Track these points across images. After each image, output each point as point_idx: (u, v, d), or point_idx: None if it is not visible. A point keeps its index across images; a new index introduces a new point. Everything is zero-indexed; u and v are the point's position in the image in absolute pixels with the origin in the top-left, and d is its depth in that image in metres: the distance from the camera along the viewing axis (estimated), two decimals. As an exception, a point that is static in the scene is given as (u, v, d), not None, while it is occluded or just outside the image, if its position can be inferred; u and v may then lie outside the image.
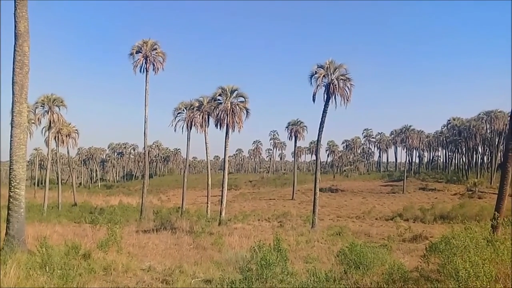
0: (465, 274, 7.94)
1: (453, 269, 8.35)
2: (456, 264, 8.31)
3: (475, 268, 8.05)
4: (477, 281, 7.83)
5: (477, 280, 7.84)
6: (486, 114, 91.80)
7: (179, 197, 63.83)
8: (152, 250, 20.47)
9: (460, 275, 8.01)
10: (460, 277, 8.02)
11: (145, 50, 45.21)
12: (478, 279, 7.83)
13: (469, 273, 7.92)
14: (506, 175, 22.39)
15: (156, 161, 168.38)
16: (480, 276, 7.86)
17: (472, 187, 74.08)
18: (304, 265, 15.05)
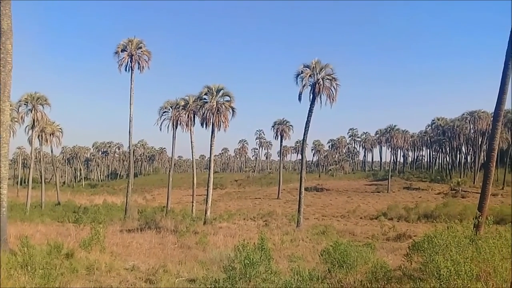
0: (446, 272, 8.02)
1: (435, 268, 8.43)
2: (437, 262, 8.38)
3: (457, 266, 8.13)
4: (458, 280, 7.92)
5: (458, 278, 7.93)
6: (469, 114, 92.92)
7: (164, 196, 63.55)
8: (136, 249, 20.34)
9: (442, 273, 8.09)
10: (441, 276, 8.10)
11: (130, 49, 44.81)
12: (460, 277, 7.92)
13: (451, 272, 8.00)
14: (489, 175, 22.72)
15: (141, 160, 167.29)
16: (462, 274, 7.95)
17: (456, 186, 75.04)
18: (288, 264, 15.08)
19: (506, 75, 21.81)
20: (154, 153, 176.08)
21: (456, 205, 49.05)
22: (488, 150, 24.78)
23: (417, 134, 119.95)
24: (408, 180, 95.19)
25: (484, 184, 22.69)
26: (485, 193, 22.27)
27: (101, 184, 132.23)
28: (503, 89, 21.94)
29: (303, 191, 40.35)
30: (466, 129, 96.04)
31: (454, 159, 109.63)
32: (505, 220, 32.92)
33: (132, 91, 44.42)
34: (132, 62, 44.68)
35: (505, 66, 21.90)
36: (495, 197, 61.44)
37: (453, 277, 7.92)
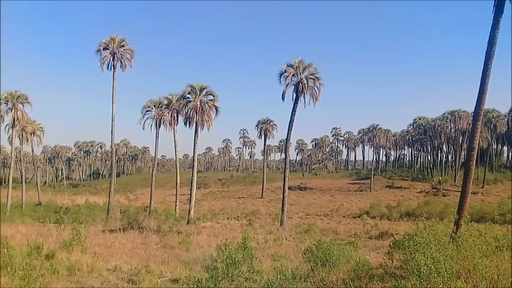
0: (426, 270, 8.12)
1: (416, 266, 8.53)
2: (418, 260, 8.49)
3: (437, 264, 8.24)
4: (438, 277, 8.02)
5: (438, 276, 8.03)
6: (450, 113, 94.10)
7: (147, 196, 63.05)
8: (119, 249, 20.22)
9: (422, 271, 8.19)
10: (422, 274, 8.20)
11: (112, 47, 44.37)
12: (439, 275, 8.02)
13: (431, 270, 8.10)
14: (469, 174, 23.05)
15: (124, 159, 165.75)
16: (441, 272, 8.06)
17: (437, 185, 76.01)
18: (272, 263, 15.11)
19: (485, 76, 22.17)
20: (137, 152, 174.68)
21: (437, 203, 49.72)
22: (468, 149, 25.14)
23: (399, 133, 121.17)
24: (391, 179, 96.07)
25: (464, 183, 23.01)
26: (465, 191, 22.59)
27: (83, 184, 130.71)
28: (483, 89, 22.30)
29: (287, 190, 40.49)
30: (447, 128, 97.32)
31: (436, 158, 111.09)
32: (485, 218, 33.52)
33: (114, 90, 44.04)
34: (115, 61, 44.26)
35: (484, 67, 22.26)
36: (475, 195, 62.44)
37: (433, 275, 8.02)
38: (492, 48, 22.10)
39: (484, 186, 75.60)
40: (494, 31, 22.08)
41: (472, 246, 9.48)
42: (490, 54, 22.15)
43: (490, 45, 22.12)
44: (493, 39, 22.07)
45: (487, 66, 22.18)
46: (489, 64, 22.18)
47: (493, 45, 22.08)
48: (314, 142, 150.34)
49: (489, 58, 22.16)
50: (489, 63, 22.18)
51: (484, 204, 48.54)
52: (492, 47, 22.09)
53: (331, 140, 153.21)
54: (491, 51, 22.13)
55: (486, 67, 22.19)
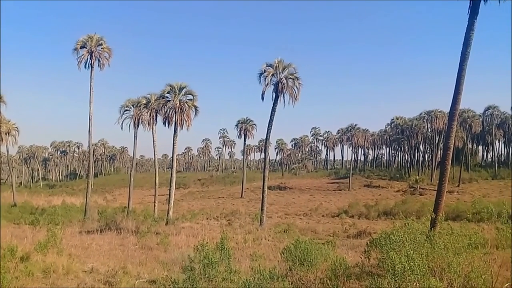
0: (400, 268, 8.22)
1: (390, 264, 8.63)
2: (392, 259, 8.59)
3: (411, 262, 8.35)
4: (412, 275, 8.13)
5: (412, 274, 8.14)
6: (427, 113, 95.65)
7: (126, 196, 62.45)
8: (96, 251, 19.96)
9: (396, 269, 8.29)
10: (396, 272, 8.30)
11: (90, 46, 43.74)
12: (413, 273, 8.13)
13: (405, 268, 8.21)
14: (445, 173, 23.43)
15: (102, 159, 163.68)
16: (415, 270, 8.17)
17: (414, 184, 77.14)
18: (250, 263, 15.11)
19: (460, 76, 22.56)
20: (115, 152, 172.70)
21: (414, 202, 50.41)
22: (444, 149, 25.57)
23: (377, 133, 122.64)
24: (369, 178, 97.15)
25: (440, 182, 23.36)
26: (441, 190, 22.95)
27: (59, 185, 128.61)
28: (458, 89, 22.68)
29: (266, 190, 40.52)
30: (424, 128, 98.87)
31: (413, 157, 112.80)
32: (461, 217, 34.09)
33: (91, 89, 43.42)
34: (92, 59, 43.64)
35: (460, 67, 22.65)
36: (451, 194, 63.54)
37: (407, 273, 8.13)
38: (467, 49, 22.49)
39: (460, 185, 77.07)
40: (469, 32, 22.47)
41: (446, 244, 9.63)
42: (465, 55, 22.53)
43: (465, 46, 22.50)
44: (468, 40, 22.46)
45: (462, 66, 22.57)
46: (464, 65, 22.57)
47: (468, 46, 22.46)
48: (293, 142, 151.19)
49: (464, 59, 22.55)
50: (464, 64, 22.57)
51: (460, 202, 49.41)
52: (467, 48, 22.48)
53: (310, 140, 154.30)
54: (466, 52, 22.51)
55: (461, 68, 22.57)
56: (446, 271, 9.10)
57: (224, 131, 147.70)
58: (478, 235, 10.99)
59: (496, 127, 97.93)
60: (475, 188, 74.25)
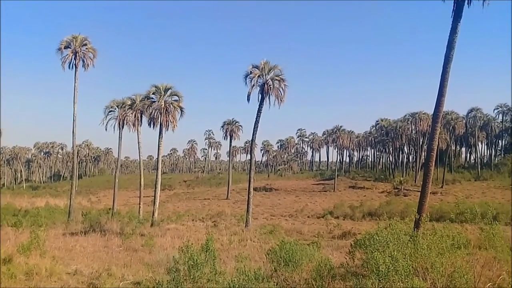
0: (384, 269, 8.30)
1: (374, 264, 8.70)
2: (376, 259, 8.66)
3: (395, 263, 8.43)
4: (396, 275, 8.21)
5: (396, 274, 8.22)
6: (411, 115, 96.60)
7: (110, 198, 61.93)
8: (80, 253, 19.78)
9: (380, 270, 8.36)
10: (380, 272, 8.37)
11: (74, 46, 43.27)
12: (397, 273, 8.21)
13: (388, 268, 8.28)
14: (429, 174, 23.71)
15: (86, 161, 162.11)
16: (399, 270, 8.25)
17: (398, 185, 77.90)
18: (235, 264, 15.10)
19: (444, 79, 22.85)
20: (100, 153, 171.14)
21: (398, 203, 50.90)
22: (427, 150, 25.86)
23: (362, 134, 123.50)
24: (354, 179, 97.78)
25: (424, 183, 23.62)
26: (425, 191, 23.20)
27: (43, 186, 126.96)
28: (442, 91, 22.97)
29: (252, 191, 40.55)
30: (408, 130, 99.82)
31: (397, 159, 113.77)
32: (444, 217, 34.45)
33: (76, 90, 42.95)
34: (76, 60, 43.18)
35: (443, 70, 22.94)
36: (435, 195, 64.28)
37: (391, 273, 8.20)
38: (451, 52, 22.80)
39: (443, 186, 78.03)
40: (453, 35, 22.79)
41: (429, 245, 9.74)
42: (449, 58, 22.84)
43: (449, 49, 22.81)
44: (451, 43, 22.77)
45: (446, 69, 22.87)
46: (447, 68, 22.88)
47: (451, 49, 22.78)
48: (279, 143, 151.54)
49: (448, 62, 22.86)
50: (447, 67, 22.88)
51: (443, 203, 50.00)
52: (451, 51, 22.79)
53: (296, 141, 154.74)
54: (450, 55, 22.83)
55: (445, 70, 22.87)
56: (429, 271, 9.20)
57: (210, 132, 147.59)
58: (461, 236, 11.12)
59: (479, 129, 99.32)
60: (458, 189, 75.24)
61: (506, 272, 10.53)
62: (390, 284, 8.23)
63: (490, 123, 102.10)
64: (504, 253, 10.98)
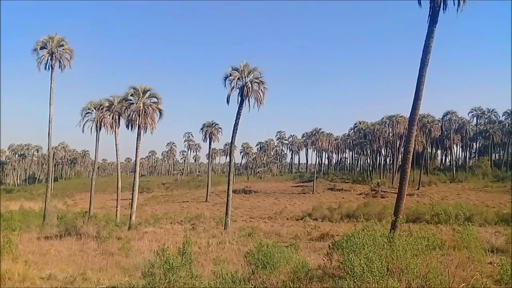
0: (359, 270, 8.35)
1: (349, 266, 8.75)
2: (351, 260, 8.71)
3: (370, 264, 8.49)
4: (371, 276, 8.27)
5: (371, 275, 8.28)
6: (388, 118, 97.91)
7: (87, 201, 60.95)
8: (54, 257, 19.43)
9: (356, 271, 8.42)
10: (355, 273, 8.43)
11: (50, 46, 42.61)
12: (372, 274, 8.27)
13: (364, 269, 8.34)
14: (405, 176, 24.04)
15: (62, 163, 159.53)
16: (374, 271, 8.31)
17: (376, 187, 78.72)
18: (213, 267, 15.01)
19: (420, 82, 23.23)
20: (76, 156, 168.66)
21: (376, 205, 51.44)
22: (404, 153, 26.23)
23: (340, 137, 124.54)
24: (332, 182, 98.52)
25: (400, 185, 23.94)
26: (401, 193, 23.52)
27: (17, 189, 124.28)
28: (418, 95, 23.34)
29: (231, 193, 40.52)
30: (386, 133, 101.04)
31: (375, 161, 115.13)
32: (420, 219, 35.04)
33: (52, 91, 42.29)
34: (53, 60, 42.54)
35: (419, 74, 23.32)
36: (411, 197, 65.20)
37: (366, 274, 8.26)
38: (427, 56, 23.20)
39: (419, 188, 79.23)
40: (428, 39, 23.20)
41: (404, 246, 9.84)
42: (425, 62, 23.23)
43: (425, 53, 23.21)
44: (427, 48, 23.18)
45: (422, 73, 23.25)
46: (423, 72, 23.26)
47: (427, 53, 23.18)
48: (259, 146, 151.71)
49: (424, 66, 23.25)
50: (423, 71, 23.26)
51: (419, 205, 50.73)
52: (427, 55, 23.20)
53: (275, 144, 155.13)
54: (426, 59, 23.22)
55: (421, 74, 23.25)
56: (404, 272, 9.29)
57: (189, 135, 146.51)
58: (435, 237, 11.28)
59: (454, 132, 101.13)
60: (434, 191, 76.54)
61: (480, 272, 10.71)
62: (365, 285, 8.29)
63: (464, 126, 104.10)
64: (477, 254, 11.17)
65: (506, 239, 21.31)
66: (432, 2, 22.95)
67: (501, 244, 19.56)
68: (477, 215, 37.85)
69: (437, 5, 22.83)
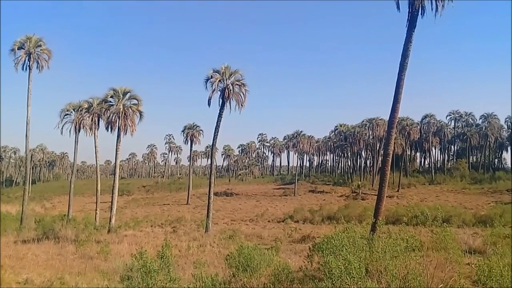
0: (338, 271, 8.39)
1: (327, 268, 8.79)
2: (329, 262, 8.75)
3: (349, 265, 8.54)
4: (349, 278, 8.31)
5: (349, 277, 8.32)
6: (369, 121, 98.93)
7: (66, 204, 60.04)
8: (32, 261, 19.09)
9: (334, 273, 8.46)
10: (333, 275, 8.46)
11: (28, 47, 41.94)
12: (350, 276, 8.32)
13: (342, 271, 8.38)
14: (384, 178, 24.31)
15: (41, 166, 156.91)
16: (352, 273, 8.36)
17: (356, 189, 79.37)
18: (194, 270, 14.92)
19: (399, 86, 23.54)
20: (55, 158, 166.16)
21: (356, 207, 51.75)
22: (383, 155, 26.53)
23: (322, 139, 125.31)
24: (314, 184, 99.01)
25: (380, 187, 24.22)
26: (381, 195, 23.80)
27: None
28: (397, 98, 23.65)
29: (213, 196, 40.41)
30: (366, 135, 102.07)
31: (355, 163, 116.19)
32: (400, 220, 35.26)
33: (29, 92, 41.57)
34: (30, 61, 41.89)
35: (398, 77, 23.64)
36: (391, 199, 65.92)
37: (344, 276, 8.30)
38: (405, 60, 23.55)
39: (399, 190, 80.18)
40: (407, 44, 23.55)
41: (383, 248, 9.93)
42: (404, 66, 23.58)
43: (404, 57, 23.55)
44: (406, 52, 23.53)
45: (401, 76, 23.58)
46: (402, 75, 23.60)
47: (406, 57, 23.53)
48: (240, 148, 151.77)
49: (403, 70, 23.58)
50: (402, 74, 23.59)
51: (399, 207, 51.21)
52: (406, 59, 23.55)
53: (257, 146, 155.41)
54: (405, 63, 23.57)
55: (400, 78, 23.58)
56: (383, 274, 9.37)
57: (170, 137, 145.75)
58: (414, 238, 11.41)
59: (432, 134, 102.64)
60: (413, 193, 77.55)
61: (458, 273, 10.87)
62: (344, 287, 8.33)
63: (443, 129, 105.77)
64: (455, 255, 11.33)
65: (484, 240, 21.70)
66: (410, 7, 23.31)
67: (478, 245, 19.84)
68: (455, 217, 38.39)
69: (415, 10, 23.20)
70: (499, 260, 9.67)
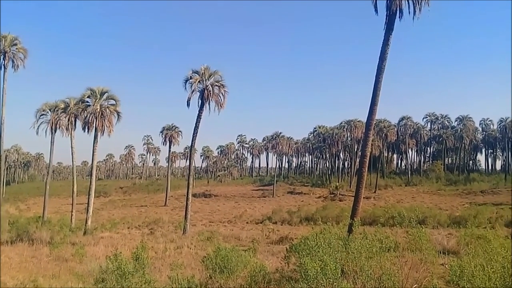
0: (313, 272, 8.44)
1: (303, 269, 8.84)
2: (305, 263, 8.80)
3: (324, 266, 8.60)
4: (324, 279, 8.37)
5: (324, 277, 8.38)
6: (347, 123, 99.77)
7: (41, 205, 58.89)
8: (5, 264, 18.62)
9: (309, 273, 8.50)
10: (309, 276, 8.51)
11: (3, 46, 41.14)
12: (326, 276, 8.38)
13: (317, 272, 8.43)
14: (362, 180, 24.57)
15: (15, 166, 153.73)
16: (327, 273, 8.42)
17: (334, 190, 79.97)
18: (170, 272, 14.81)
19: (376, 88, 23.82)
20: (30, 159, 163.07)
21: (334, 208, 52.08)
22: (361, 156, 26.79)
23: (300, 141, 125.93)
24: (292, 185, 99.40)
25: (357, 188, 24.44)
26: (358, 196, 24.02)
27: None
28: (374, 100, 23.92)
29: (191, 197, 40.19)
30: (344, 137, 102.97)
31: (334, 165, 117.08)
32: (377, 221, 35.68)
33: (4, 92, 40.75)
34: (5, 60, 41.09)
35: (376, 80, 23.90)
36: (368, 200, 66.58)
37: (320, 277, 8.36)
38: (383, 63, 23.84)
39: (376, 191, 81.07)
40: (385, 46, 23.85)
41: (359, 248, 10.03)
42: (381, 68, 23.87)
43: (381, 60, 23.84)
44: (384, 54, 23.82)
45: (378, 79, 23.86)
46: (380, 78, 23.88)
47: (384, 60, 23.82)
48: (219, 149, 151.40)
49: (380, 72, 23.87)
50: (380, 77, 23.88)
51: (376, 208, 51.81)
52: (383, 62, 23.84)
53: (236, 147, 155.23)
54: (382, 66, 23.86)
55: (378, 80, 23.85)
56: (359, 274, 9.46)
57: (148, 138, 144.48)
58: (389, 239, 11.55)
59: (409, 136, 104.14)
60: (390, 194, 78.52)
61: (432, 273, 11.04)
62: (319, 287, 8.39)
63: (419, 131, 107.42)
64: (430, 255, 11.51)
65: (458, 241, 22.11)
66: (388, 10, 23.60)
67: (452, 246, 20.19)
68: (431, 218, 38.96)
69: (392, 13, 23.50)
70: (470, 260, 9.85)
